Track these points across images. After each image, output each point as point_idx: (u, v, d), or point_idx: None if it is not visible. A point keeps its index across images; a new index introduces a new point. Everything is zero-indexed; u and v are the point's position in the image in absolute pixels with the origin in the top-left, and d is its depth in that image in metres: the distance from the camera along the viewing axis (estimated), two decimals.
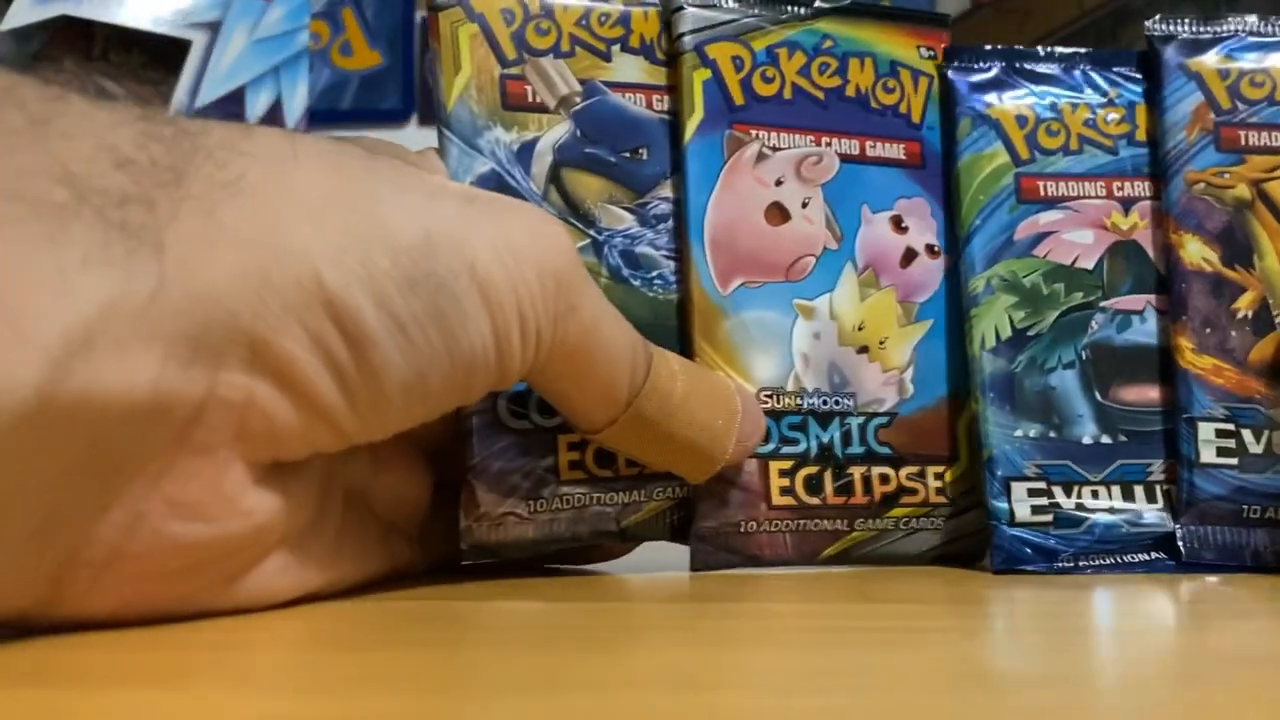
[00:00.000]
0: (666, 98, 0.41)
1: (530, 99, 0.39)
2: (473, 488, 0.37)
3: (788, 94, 0.42)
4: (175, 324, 0.24)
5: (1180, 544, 0.41)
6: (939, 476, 0.42)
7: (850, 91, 0.43)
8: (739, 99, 0.41)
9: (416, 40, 0.82)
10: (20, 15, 0.68)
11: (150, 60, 0.71)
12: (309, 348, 0.26)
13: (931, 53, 0.45)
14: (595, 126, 0.40)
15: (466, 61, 0.39)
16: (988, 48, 0.45)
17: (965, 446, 0.43)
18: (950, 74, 0.45)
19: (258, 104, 0.72)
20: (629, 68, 0.41)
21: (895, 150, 0.43)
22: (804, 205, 0.42)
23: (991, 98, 0.44)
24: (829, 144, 0.42)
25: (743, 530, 0.40)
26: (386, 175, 0.30)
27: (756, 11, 0.42)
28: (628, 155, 0.40)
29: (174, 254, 0.24)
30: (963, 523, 0.43)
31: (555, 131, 0.40)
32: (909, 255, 0.43)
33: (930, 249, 0.43)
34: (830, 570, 0.41)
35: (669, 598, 0.36)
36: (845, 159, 0.42)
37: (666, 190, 0.41)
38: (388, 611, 0.30)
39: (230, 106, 0.72)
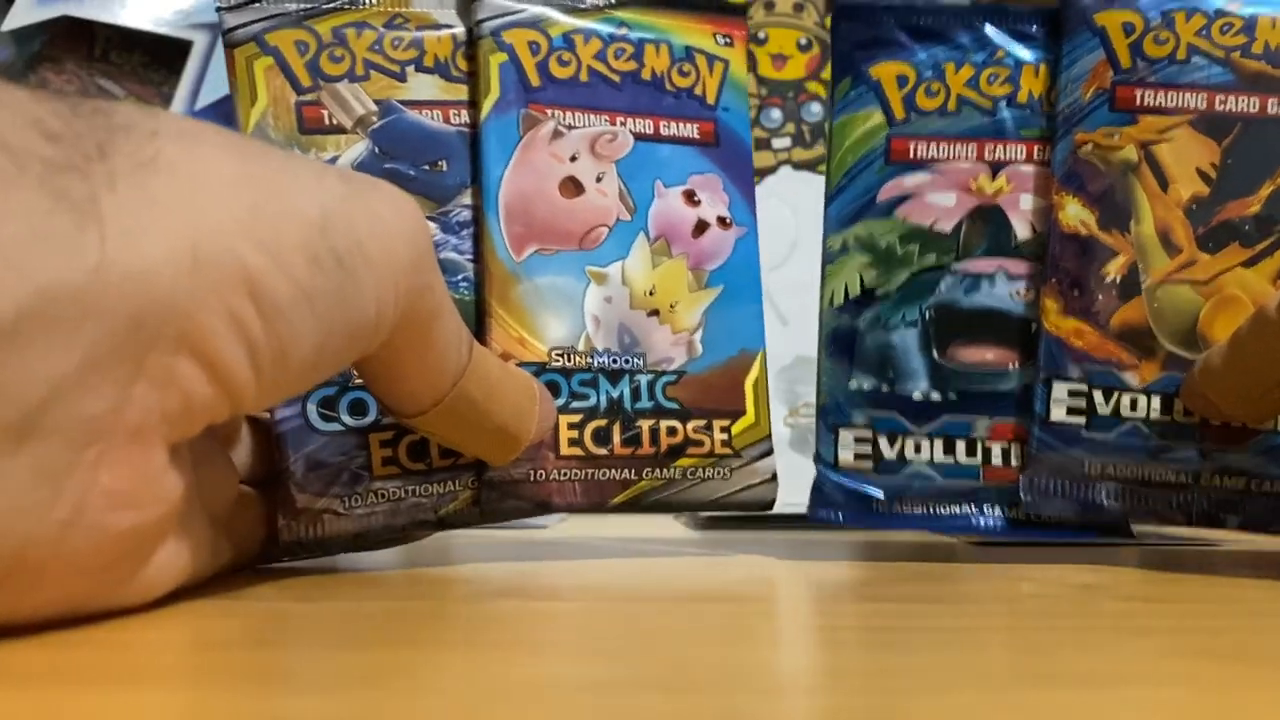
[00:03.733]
0: (465, 112, 0.42)
1: (327, 122, 0.41)
2: (287, 488, 0.38)
3: (584, 77, 0.43)
4: (113, 304, 0.24)
5: (1022, 494, 0.42)
6: (725, 430, 0.43)
7: (645, 75, 0.44)
8: (535, 81, 0.43)
9: None
10: (21, 15, 0.71)
11: (151, 61, 0.73)
12: (229, 324, 0.26)
13: (728, 39, 0.45)
14: (393, 143, 0.41)
15: (262, 93, 0.40)
16: (879, 5, 0.45)
17: (752, 402, 0.44)
18: (837, 33, 0.45)
19: None
20: (425, 86, 0.42)
21: (689, 129, 0.44)
22: (598, 180, 0.43)
23: (874, 57, 0.45)
24: (623, 123, 0.44)
25: (532, 479, 0.41)
26: (278, 154, 0.30)
27: (553, 2, 0.44)
28: (427, 168, 0.42)
29: (113, 229, 0.24)
30: (750, 472, 0.44)
31: (353, 150, 0.41)
32: (701, 226, 0.44)
33: (722, 220, 0.44)
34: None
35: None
36: (639, 137, 0.44)
37: (468, 198, 0.42)
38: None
39: (231, 107, 0.73)
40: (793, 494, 0.46)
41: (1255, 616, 0.32)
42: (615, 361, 0.42)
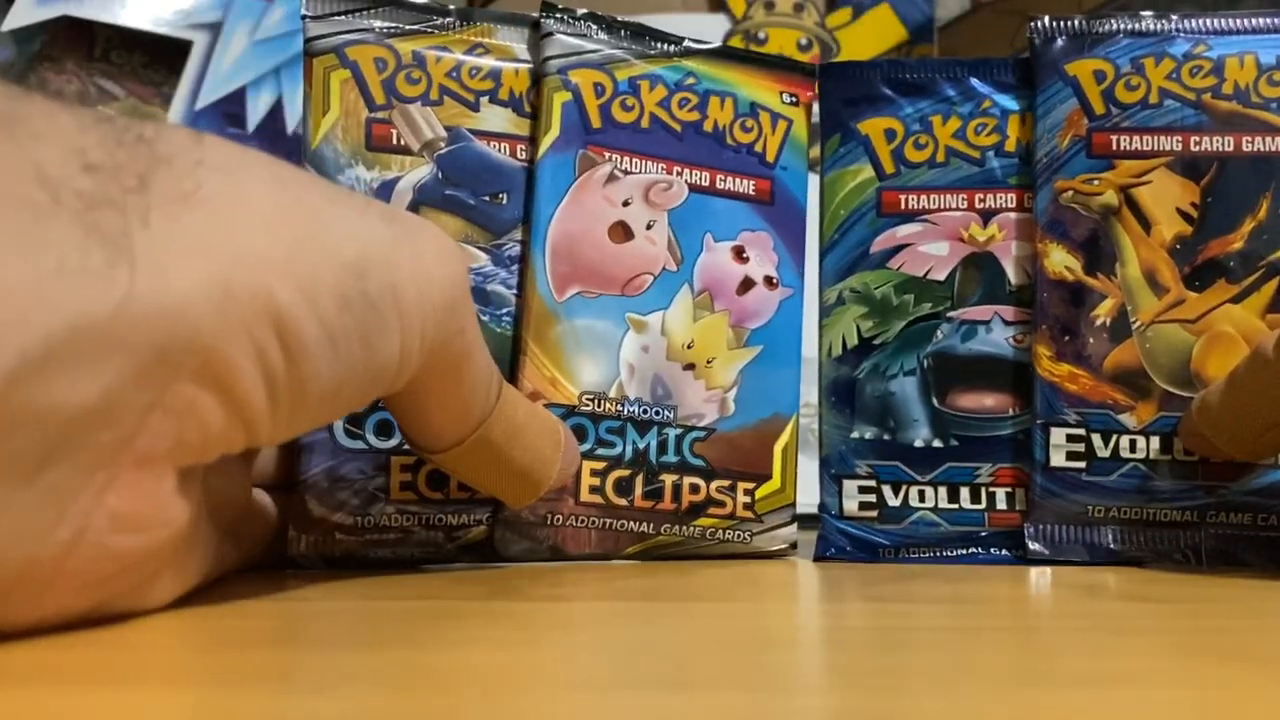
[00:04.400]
0: (531, 148, 0.42)
1: (395, 141, 0.41)
2: (303, 500, 0.39)
3: (645, 123, 0.43)
4: (140, 337, 0.23)
5: (1029, 541, 0.42)
6: (749, 493, 0.44)
7: (708, 127, 0.44)
8: (596, 122, 0.43)
9: None
10: (21, 15, 0.71)
11: (151, 61, 0.73)
12: (252, 359, 0.26)
13: (794, 99, 0.46)
14: (457, 170, 0.41)
15: (335, 104, 0.40)
16: (863, 62, 0.46)
17: (780, 467, 0.44)
18: (824, 91, 0.46)
19: (258, 104, 0.73)
20: (496, 118, 0.42)
21: (745, 185, 0.45)
22: (648, 227, 0.43)
23: (862, 113, 0.45)
24: (680, 173, 0.44)
25: (548, 523, 0.41)
26: (323, 189, 0.30)
27: (625, 45, 0.44)
28: (488, 199, 0.42)
29: (144, 262, 0.24)
30: (770, 538, 0.44)
31: (417, 173, 0.41)
32: (746, 284, 0.44)
33: (769, 280, 0.45)
34: None
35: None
36: (695, 189, 0.44)
37: (521, 234, 0.42)
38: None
39: (231, 107, 0.73)
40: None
41: (1256, 617, 0.32)
42: (646, 412, 0.42)
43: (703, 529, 0.43)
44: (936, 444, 0.44)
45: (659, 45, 0.44)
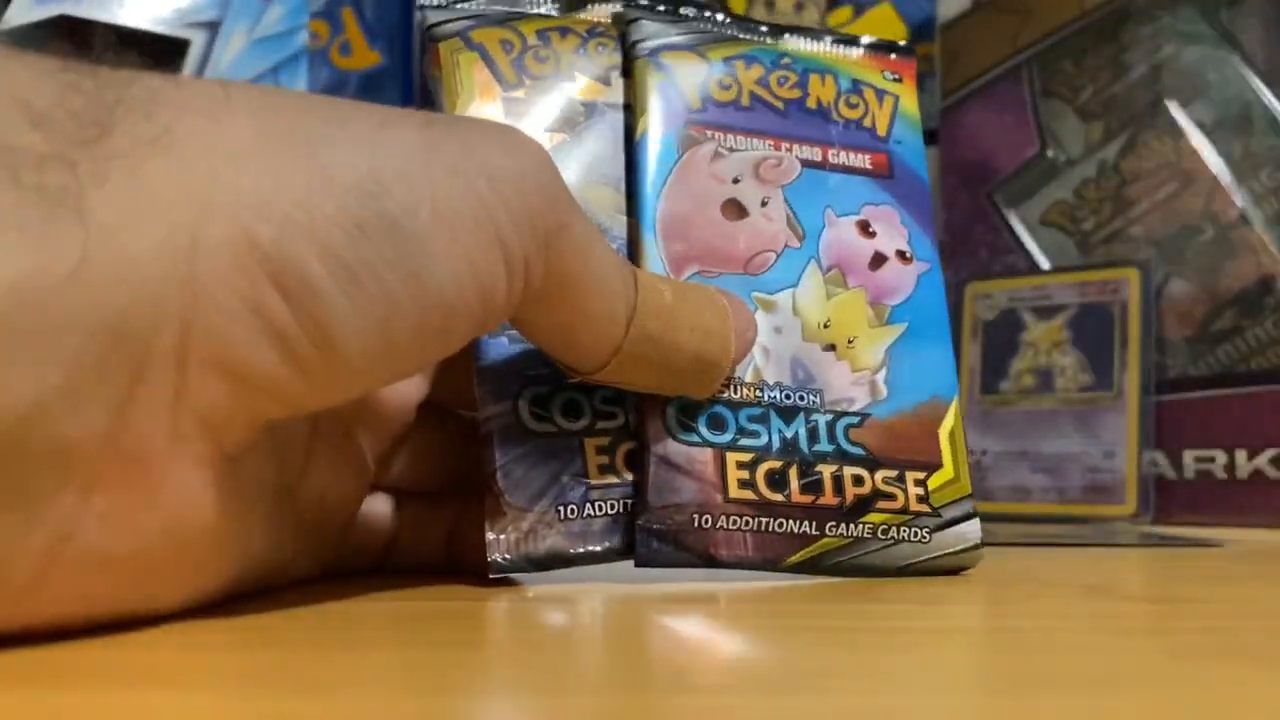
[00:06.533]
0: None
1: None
2: (496, 496, 0.35)
3: (745, 101, 0.40)
4: (95, 307, 0.21)
5: None
6: (920, 484, 0.38)
7: (811, 103, 0.41)
8: (695, 103, 0.40)
9: (416, 41, 0.84)
10: (19, 14, 0.70)
11: (150, 60, 0.73)
12: (245, 318, 0.23)
13: (897, 76, 0.43)
14: (601, 144, 0.39)
15: (470, 86, 0.38)
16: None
17: (950, 455, 0.39)
18: None
19: None
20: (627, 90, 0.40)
21: (861, 160, 0.42)
22: (763, 204, 0.40)
23: None
24: (789, 149, 0.41)
25: (696, 525, 0.36)
26: (326, 110, 0.26)
27: (714, 29, 0.41)
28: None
29: (98, 221, 0.21)
30: (954, 536, 0.38)
31: (561, 150, 0.38)
32: (878, 259, 0.41)
33: (901, 254, 0.41)
34: None
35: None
36: (807, 164, 0.41)
37: None
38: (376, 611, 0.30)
39: None
40: None
41: (1261, 617, 0.31)
42: (789, 397, 0.38)
43: (873, 526, 0.38)
44: None
45: (749, 30, 0.43)
